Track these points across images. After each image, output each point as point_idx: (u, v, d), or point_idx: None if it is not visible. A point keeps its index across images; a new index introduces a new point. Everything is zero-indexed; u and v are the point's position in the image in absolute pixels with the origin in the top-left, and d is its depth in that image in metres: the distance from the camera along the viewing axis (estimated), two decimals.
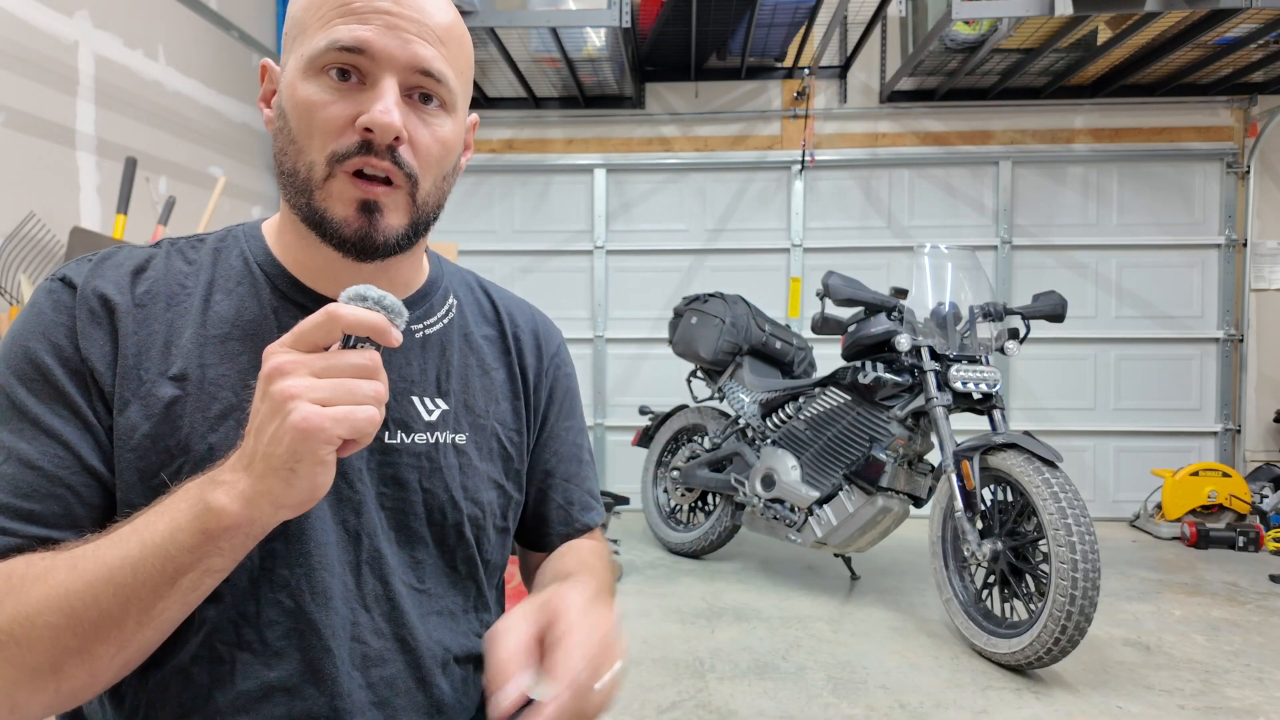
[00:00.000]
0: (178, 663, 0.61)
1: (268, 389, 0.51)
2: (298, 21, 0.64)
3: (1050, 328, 4.01)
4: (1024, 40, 3.45)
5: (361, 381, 0.53)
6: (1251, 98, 4.03)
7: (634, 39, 3.80)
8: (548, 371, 0.83)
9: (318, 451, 0.50)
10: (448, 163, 0.68)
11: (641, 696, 2.04)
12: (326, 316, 0.52)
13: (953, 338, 2.57)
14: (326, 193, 0.63)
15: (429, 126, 0.65)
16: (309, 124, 0.62)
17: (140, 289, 0.65)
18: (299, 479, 0.51)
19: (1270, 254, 4.10)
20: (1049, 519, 2.08)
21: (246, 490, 0.52)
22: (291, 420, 0.49)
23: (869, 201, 4.25)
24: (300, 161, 0.63)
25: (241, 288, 0.68)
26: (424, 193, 0.66)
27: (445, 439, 0.72)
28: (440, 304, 0.77)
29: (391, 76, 0.62)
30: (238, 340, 0.65)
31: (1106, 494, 4.17)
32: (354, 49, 0.60)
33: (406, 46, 0.62)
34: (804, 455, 2.87)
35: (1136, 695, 2.07)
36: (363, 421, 0.52)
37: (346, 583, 0.66)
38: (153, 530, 0.53)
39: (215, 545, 0.52)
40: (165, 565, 0.52)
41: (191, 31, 3.22)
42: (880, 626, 2.57)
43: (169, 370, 0.62)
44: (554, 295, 4.35)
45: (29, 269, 2.36)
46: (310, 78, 0.62)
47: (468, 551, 0.73)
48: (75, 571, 0.53)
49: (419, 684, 0.68)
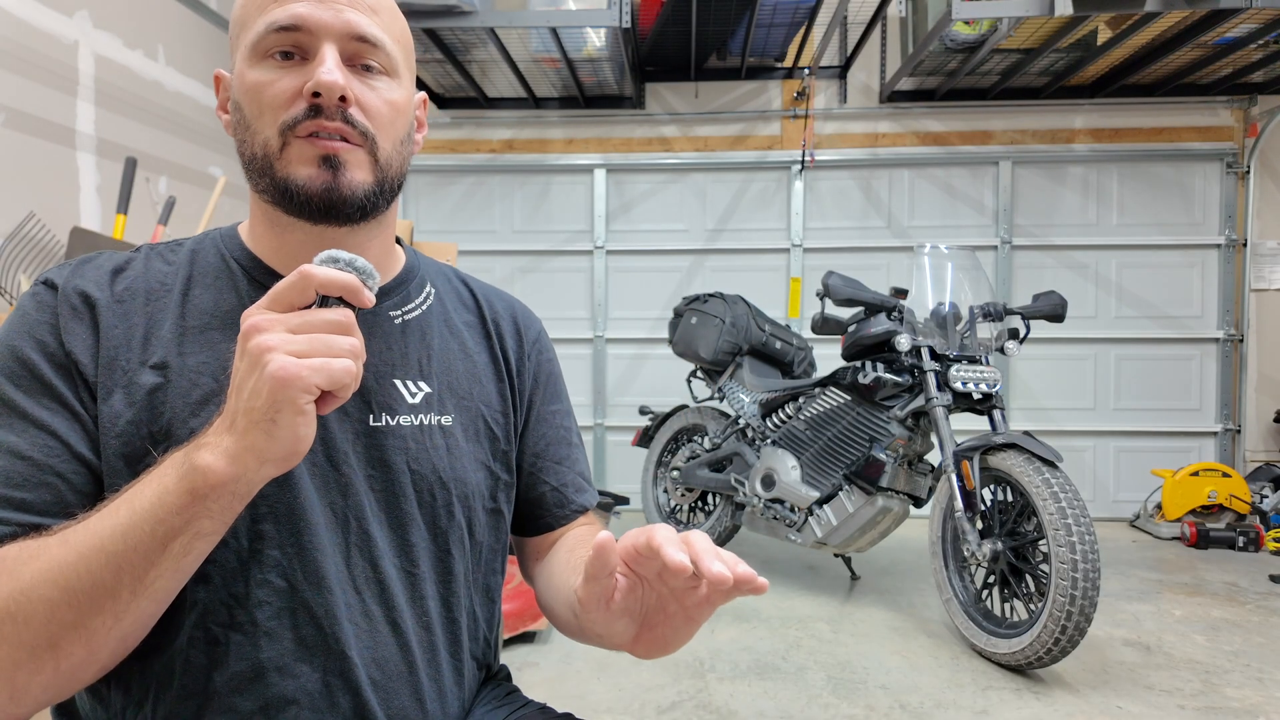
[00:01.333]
0: (177, 645, 0.62)
1: (245, 346, 0.53)
2: (238, 21, 0.68)
3: (1050, 328, 4.03)
4: (1024, 40, 3.45)
5: (336, 336, 0.54)
6: (1251, 98, 4.03)
7: (634, 39, 3.80)
8: (529, 355, 0.85)
9: (296, 400, 0.51)
10: (400, 126, 0.70)
11: (641, 697, 2.04)
12: (300, 276, 0.54)
13: (953, 338, 2.57)
14: (285, 160, 0.65)
15: (375, 91, 0.67)
16: (259, 104, 0.65)
17: (119, 286, 0.67)
18: (280, 429, 0.52)
19: (1270, 254, 4.10)
20: (1049, 519, 2.08)
21: (231, 447, 0.53)
22: (269, 371, 0.51)
23: (869, 201, 4.25)
24: (257, 142, 0.65)
25: (220, 281, 0.70)
26: (385, 153, 0.68)
27: (430, 420, 0.73)
28: (418, 291, 0.78)
29: (330, 43, 0.65)
30: (217, 330, 0.67)
31: (1106, 494, 4.17)
32: (290, 27, 0.64)
33: (340, 15, 0.65)
34: (804, 455, 2.87)
35: (1136, 695, 2.07)
36: (339, 372, 0.53)
37: (337, 564, 0.66)
38: (141, 497, 0.54)
39: (203, 505, 0.53)
40: (155, 529, 0.53)
41: (191, 31, 3.21)
42: (880, 626, 2.57)
43: (149, 360, 0.64)
44: (554, 295, 4.35)
45: (29, 269, 2.36)
46: (255, 64, 0.65)
47: (458, 533, 0.73)
48: (67, 545, 0.54)
49: (410, 666, 0.69)
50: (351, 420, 0.69)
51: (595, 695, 2.04)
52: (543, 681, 2.13)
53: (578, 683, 2.12)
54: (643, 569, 0.59)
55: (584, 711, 1.08)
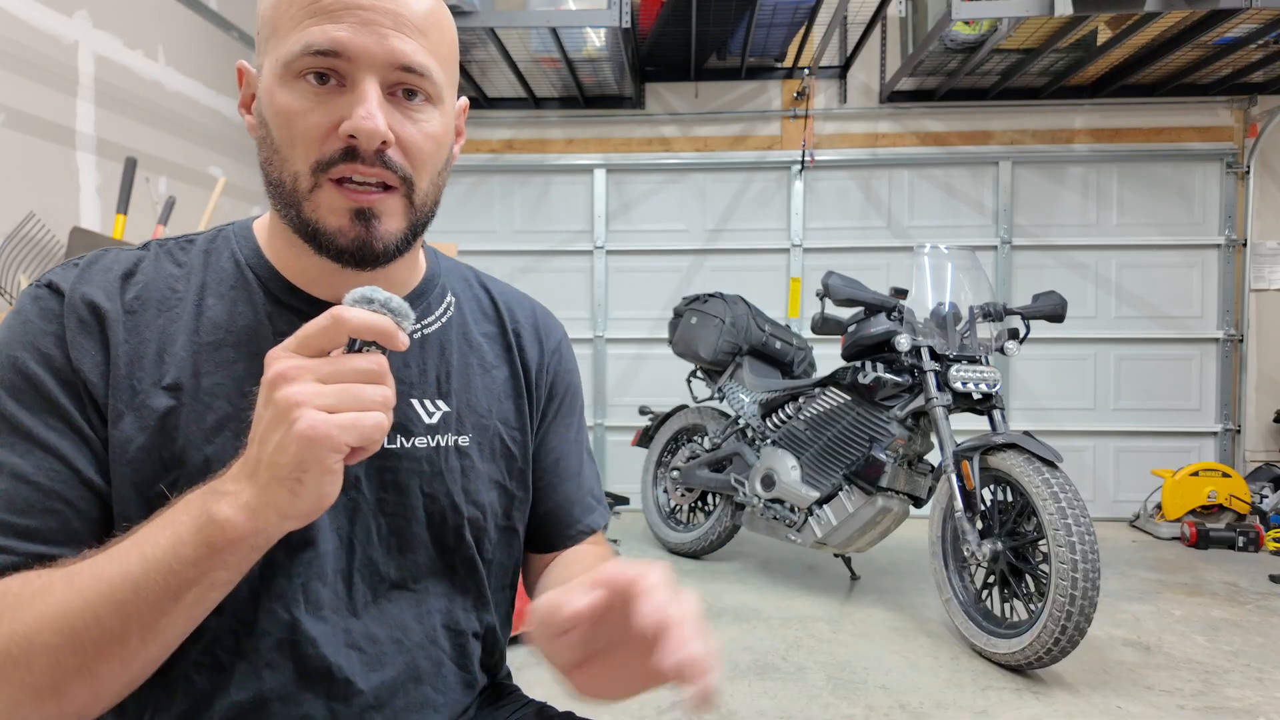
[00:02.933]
0: (180, 670, 0.61)
1: (271, 395, 0.50)
2: (268, 21, 0.61)
3: (1050, 328, 4.02)
4: (1024, 40, 3.45)
5: (368, 386, 0.51)
6: (1251, 98, 4.03)
7: (634, 39, 3.80)
8: (548, 367, 0.81)
9: (325, 460, 0.49)
10: (440, 157, 0.65)
11: (642, 697, 2.03)
12: (332, 320, 0.51)
13: (952, 338, 2.57)
14: (315, 204, 0.60)
15: (416, 123, 0.62)
16: (290, 133, 0.59)
17: (130, 294, 0.63)
18: (306, 489, 0.50)
19: (1270, 254, 4.10)
20: (1049, 519, 2.08)
21: (251, 500, 0.50)
22: (298, 429, 0.48)
23: (869, 202, 4.25)
24: (285, 172, 0.61)
25: (234, 291, 0.66)
26: (421, 193, 0.63)
27: (447, 441, 0.70)
28: (438, 302, 0.75)
29: (371, 76, 0.59)
30: (231, 347, 0.63)
31: (1106, 494, 4.17)
32: (328, 51, 0.57)
33: (384, 42, 0.58)
34: (804, 455, 2.87)
35: (1136, 695, 2.07)
36: (370, 428, 0.50)
37: (338, 591, 0.65)
38: (154, 544, 0.51)
39: (220, 558, 0.51)
40: (168, 580, 0.51)
41: (191, 31, 3.21)
42: (880, 626, 2.57)
43: (163, 379, 0.61)
44: (554, 295, 4.35)
45: (29, 269, 2.36)
46: (287, 84, 0.59)
47: (467, 553, 0.72)
48: (73, 589, 0.51)
49: (416, 684, 0.68)
50: None
51: None
52: (542, 681, 2.13)
53: None
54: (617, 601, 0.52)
55: (584, 711, 1.06)
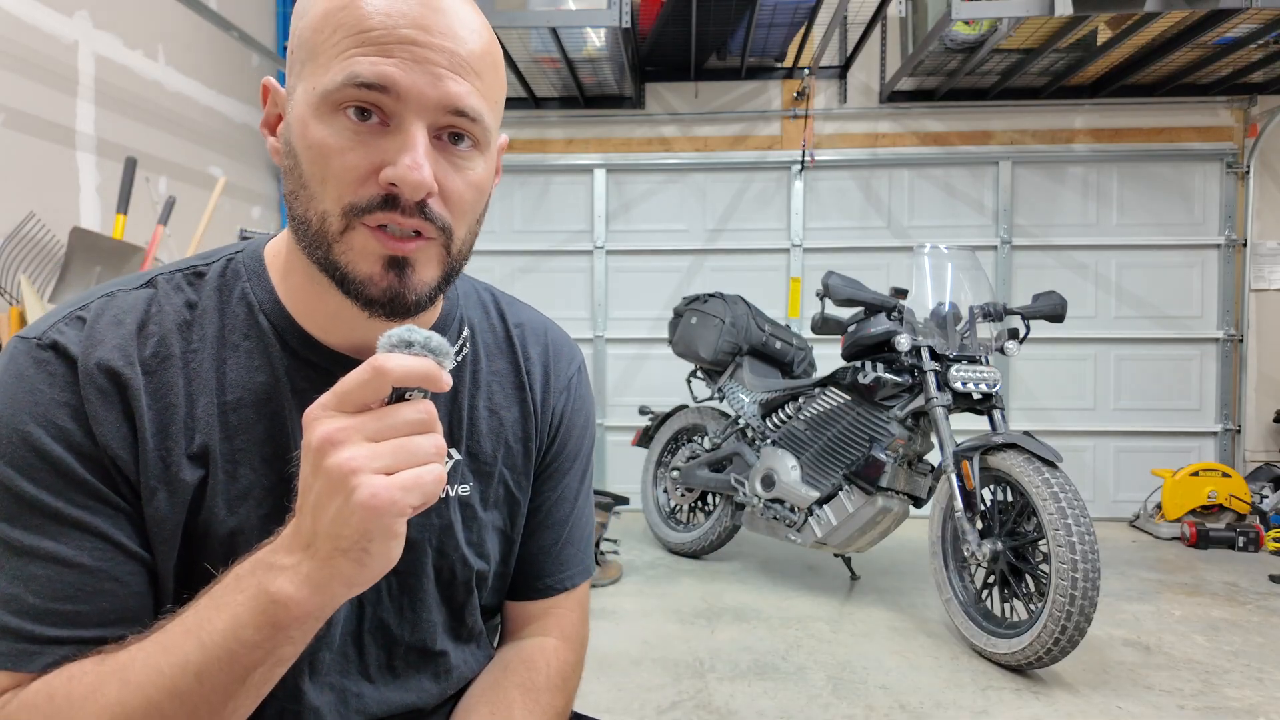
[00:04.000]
0: None
1: (322, 463, 0.46)
2: (306, 44, 0.55)
3: (1050, 328, 4.01)
4: (1024, 40, 3.45)
5: (421, 438, 0.48)
6: (1251, 98, 4.03)
7: (634, 39, 3.80)
8: (556, 409, 0.76)
9: (392, 527, 0.46)
10: (480, 205, 0.60)
11: (641, 696, 2.04)
12: (373, 373, 0.46)
13: (952, 338, 2.57)
14: (346, 245, 0.55)
15: (461, 172, 0.57)
16: (323, 171, 0.54)
17: (147, 351, 0.57)
18: (373, 558, 0.47)
19: (1270, 254, 4.10)
20: (1049, 519, 2.08)
21: (313, 574, 0.47)
22: (358, 499, 0.44)
23: (869, 202, 4.25)
24: (312, 210, 0.55)
25: (248, 342, 0.61)
26: (459, 242, 0.59)
27: (454, 492, 0.68)
28: (454, 340, 0.71)
29: (420, 121, 0.53)
30: (251, 407, 0.60)
31: (1106, 494, 4.17)
32: (376, 86, 0.52)
33: (438, 84, 0.53)
34: (804, 455, 2.87)
35: (1136, 695, 2.07)
36: (431, 484, 0.47)
37: (348, 654, 0.64)
38: (211, 629, 0.48)
39: (286, 635, 0.48)
40: (232, 665, 0.48)
41: (191, 31, 3.22)
42: (880, 626, 2.57)
43: (190, 447, 0.57)
44: (554, 295, 4.35)
45: (29, 269, 2.36)
46: (324, 116, 0.53)
47: (472, 603, 0.71)
48: (129, 687, 0.48)
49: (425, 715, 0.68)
50: None
51: (595, 695, 2.04)
52: None
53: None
54: None
55: (584, 711, 1.07)
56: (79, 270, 2.37)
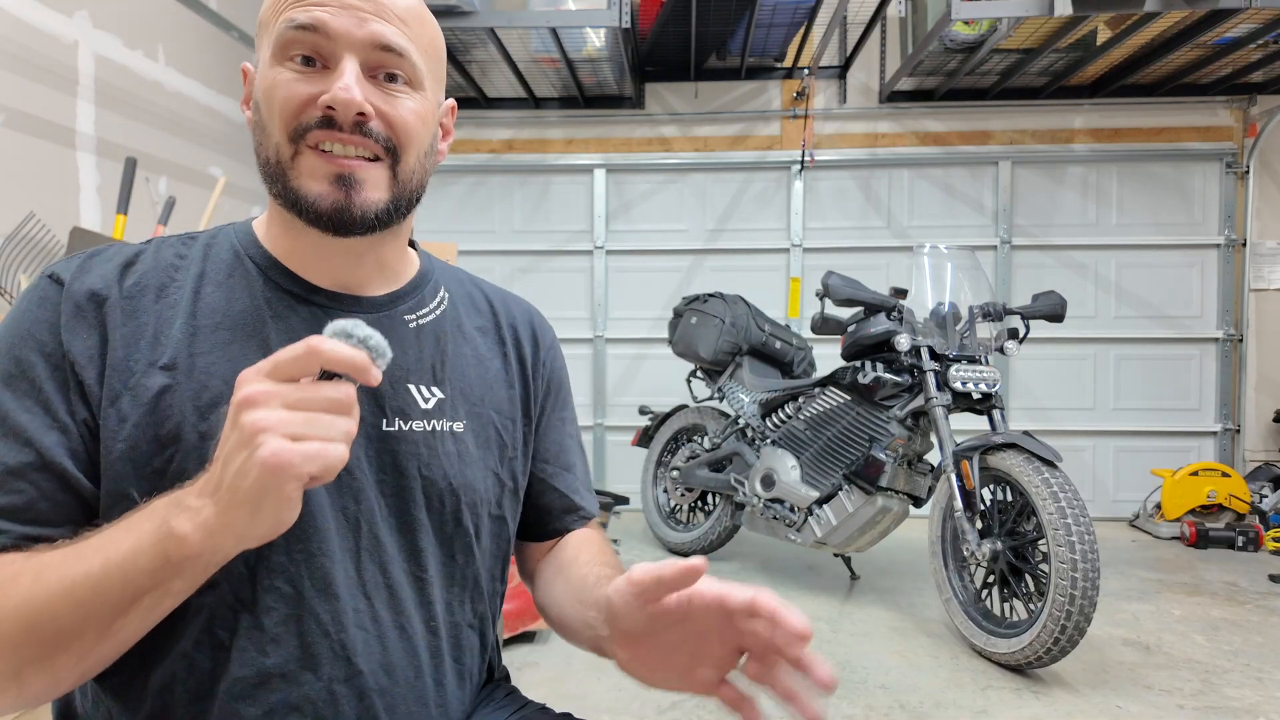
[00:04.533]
0: (181, 649, 0.61)
1: (238, 418, 0.50)
2: (263, 22, 0.66)
3: (1050, 328, 4.02)
4: (1023, 40, 3.45)
5: (335, 417, 0.52)
6: (1251, 98, 4.03)
7: (634, 39, 3.80)
8: (544, 362, 0.84)
9: (284, 488, 0.50)
10: (425, 137, 0.68)
11: (641, 696, 2.04)
12: (306, 350, 0.51)
13: (952, 338, 2.57)
14: (297, 170, 0.64)
15: (398, 101, 0.65)
16: (272, 106, 0.63)
17: (129, 281, 0.65)
18: (263, 514, 0.50)
19: (1270, 254, 4.10)
20: (1048, 519, 2.08)
21: (209, 520, 0.51)
22: (259, 455, 0.48)
23: (869, 201, 4.25)
24: (269, 146, 0.64)
25: (233, 279, 0.68)
26: (407, 168, 0.67)
27: (442, 426, 0.72)
28: (431, 296, 0.78)
29: (351, 55, 0.63)
30: (228, 330, 0.65)
31: (1106, 494, 4.17)
32: (308, 27, 0.62)
33: (364, 25, 0.63)
34: (804, 455, 2.87)
35: (1136, 695, 2.07)
36: (334, 460, 0.51)
37: (347, 570, 0.66)
38: (116, 548, 0.53)
39: (175, 570, 0.52)
40: (125, 585, 0.52)
41: (191, 31, 3.22)
42: (880, 626, 2.57)
43: (159, 360, 0.63)
44: (554, 295, 4.35)
45: (29, 269, 2.36)
46: (274, 66, 0.63)
47: (465, 540, 0.73)
48: (39, 582, 0.53)
49: (416, 672, 0.68)
50: (365, 425, 0.67)
51: (595, 695, 2.05)
52: (543, 681, 2.13)
53: (578, 683, 2.12)
54: (710, 616, 0.55)
55: (584, 711, 1.08)
56: None
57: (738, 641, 0.56)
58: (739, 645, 0.57)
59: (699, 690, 0.58)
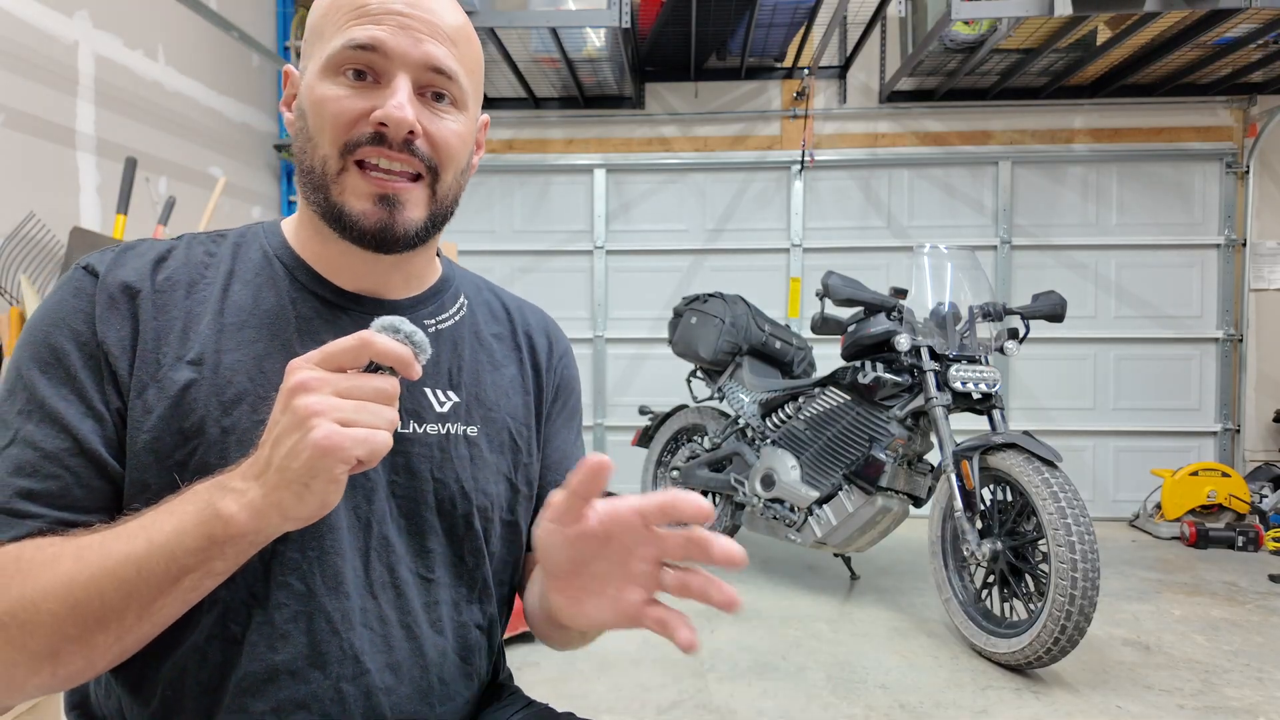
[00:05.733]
0: (194, 642, 0.62)
1: (290, 402, 0.52)
2: (315, 28, 0.67)
3: (1050, 328, 4.03)
4: (1023, 40, 3.45)
5: (381, 406, 0.54)
6: (1251, 98, 4.03)
7: (634, 39, 3.81)
8: (556, 370, 0.85)
9: (334, 470, 0.52)
10: (463, 156, 0.70)
11: (641, 696, 2.04)
12: (359, 342, 0.54)
13: (952, 338, 2.57)
14: (341, 187, 0.65)
15: (443, 121, 0.67)
16: (322, 118, 0.64)
17: (161, 275, 0.67)
18: (311, 494, 0.52)
19: (1270, 254, 4.10)
20: (1048, 519, 2.08)
21: (256, 500, 0.53)
22: (313, 437, 0.50)
23: (869, 202, 4.26)
24: (315, 157, 0.65)
25: (260, 278, 0.69)
26: (444, 186, 0.69)
27: (457, 430, 0.73)
28: (451, 302, 0.79)
29: (405, 74, 0.64)
30: (254, 328, 0.67)
31: (1106, 494, 4.17)
32: (368, 46, 0.63)
33: (419, 45, 0.64)
34: (804, 455, 2.87)
35: (1136, 695, 2.07)
36: (380, 445, 0.53)
37: (356, 569, 0.67)
38: (159, 529, 0.54)
39: (219, 550, 0.54)
40: (169, 565, 0.54)
41: (191, 31, 3.22)
42: (880, 626, 2.57)
43: (186, 354, 0.64)
44: (554, 295, 4.35)
45: (29, 269, 2.36)
46: (327, 77, 0.64)
47: (475, 543, 0.73)
48: (80, 562, 0.54)
49: (422, 671, 0.69)
50: None
51: (596, 695, 2.05)
52: (543, 681, 2.14)
53: (578, 682, 2.12)
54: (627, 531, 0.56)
55: (584, 711, 1.08)
56: None
57: (658, 552, 0.56)
58: (659, 557, 0.57)
59: (631, 620, 0.57)
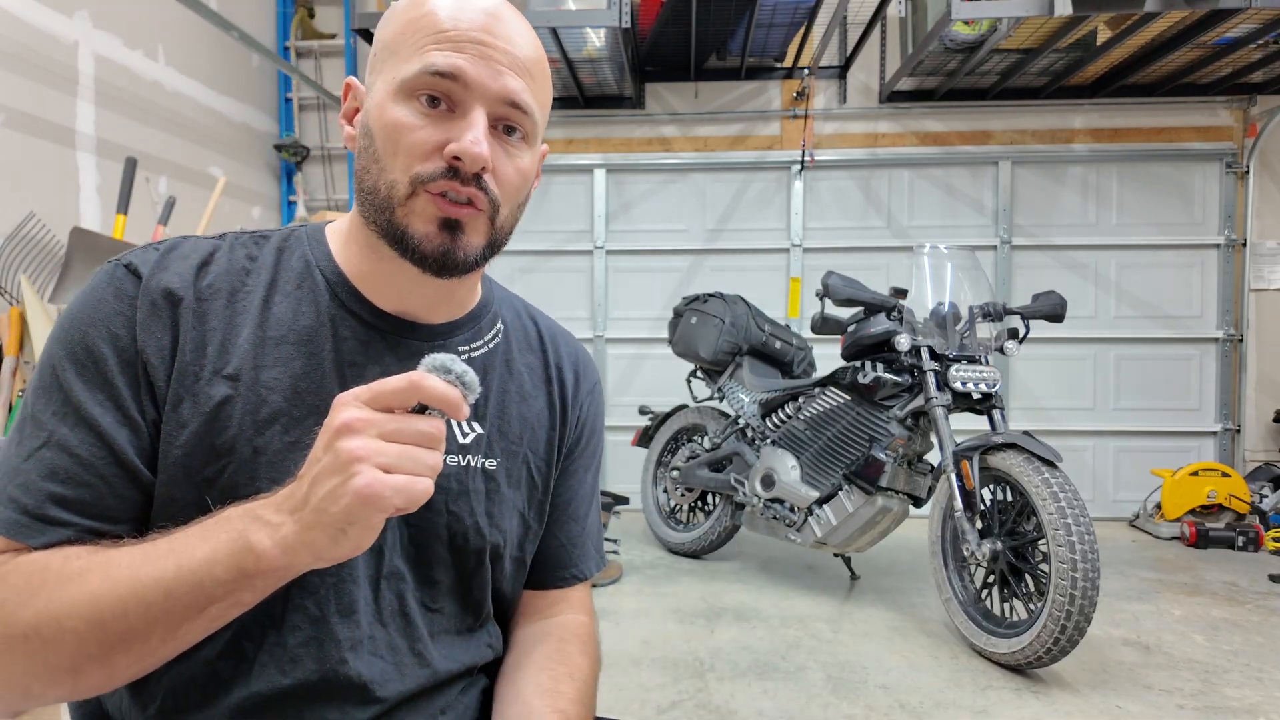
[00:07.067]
0: (204, 656, 0.62)
1: (335, 444, 0.51)
2: (388, 45, 0.65)
3: (1050, 328, 4.01)
4: (1023, 40, 3.45)
5: (425, 451, 0.53)
6: (1251, 98, 4.03)
7: (634, 39, 3.80)
8: (583, 406, 0.84)
9: (372, 518, 0.51)
10: (524, 192, 0.69)
11: (641, 696, 2.04)
12: (409, 384, 0.52)
13: (952, 338, 2.57)
14: (408, 209, 0.63)
15: (511, 158, 0.66)
16: (395, 144, 0.62)
17: (203, 282, 0.65)
18: (347, 539, 0.52)
19: (1270, 254, 4.10)
20: (1048, 519, 2.08)
21: (289, 537, 0.52)
22: (354, 484, 0.50)
23: (869, 202, 4.26)
24: (382, 180, 0.63)
25: (300, 291, 0.68)
26: (502, 219, 0.67)
27: (476, 463, 0.72)
28: (488, 328, 0.77)
29: (481, 107, 0.63)
30: (292, 345, 0.65)
31: (1106, 494, 4.17)
32: (448, 75, 0.61)
33: (498, 78, 0.63)
34: (804, 455, 2.87)
35: (1136, 695, 2.07)
36: (419, 494, 0.52)
37: (367, 596, 0.66)
38: (190, 555, 0.53)
39: (249, 583, 0.53)
40: (196, 593, 0.53)
41: (191, 31, 3.22)
42: (880, 626, 2.57)
43: (223, 369, 0.63)
44: (554, 295, 4.36)
45: (29, 269, 2.36)
46: (400, 100, 0.62)
47: (484, 578, 0.73)
48: (108, 581, 0.53)
49: (428, 699, 0.69)
50: None
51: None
52: None
53: None
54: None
55: None
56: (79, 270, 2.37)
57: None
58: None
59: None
